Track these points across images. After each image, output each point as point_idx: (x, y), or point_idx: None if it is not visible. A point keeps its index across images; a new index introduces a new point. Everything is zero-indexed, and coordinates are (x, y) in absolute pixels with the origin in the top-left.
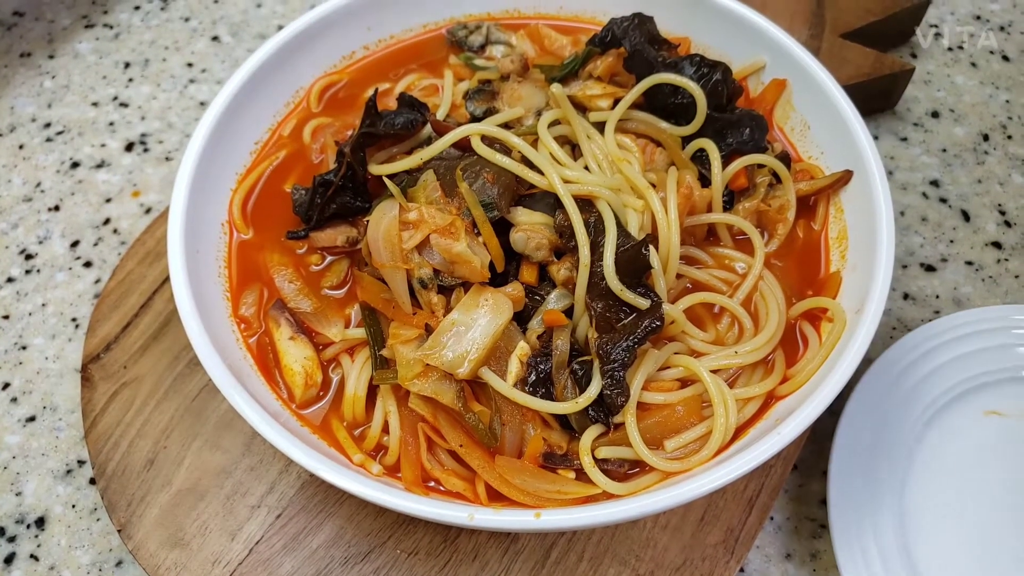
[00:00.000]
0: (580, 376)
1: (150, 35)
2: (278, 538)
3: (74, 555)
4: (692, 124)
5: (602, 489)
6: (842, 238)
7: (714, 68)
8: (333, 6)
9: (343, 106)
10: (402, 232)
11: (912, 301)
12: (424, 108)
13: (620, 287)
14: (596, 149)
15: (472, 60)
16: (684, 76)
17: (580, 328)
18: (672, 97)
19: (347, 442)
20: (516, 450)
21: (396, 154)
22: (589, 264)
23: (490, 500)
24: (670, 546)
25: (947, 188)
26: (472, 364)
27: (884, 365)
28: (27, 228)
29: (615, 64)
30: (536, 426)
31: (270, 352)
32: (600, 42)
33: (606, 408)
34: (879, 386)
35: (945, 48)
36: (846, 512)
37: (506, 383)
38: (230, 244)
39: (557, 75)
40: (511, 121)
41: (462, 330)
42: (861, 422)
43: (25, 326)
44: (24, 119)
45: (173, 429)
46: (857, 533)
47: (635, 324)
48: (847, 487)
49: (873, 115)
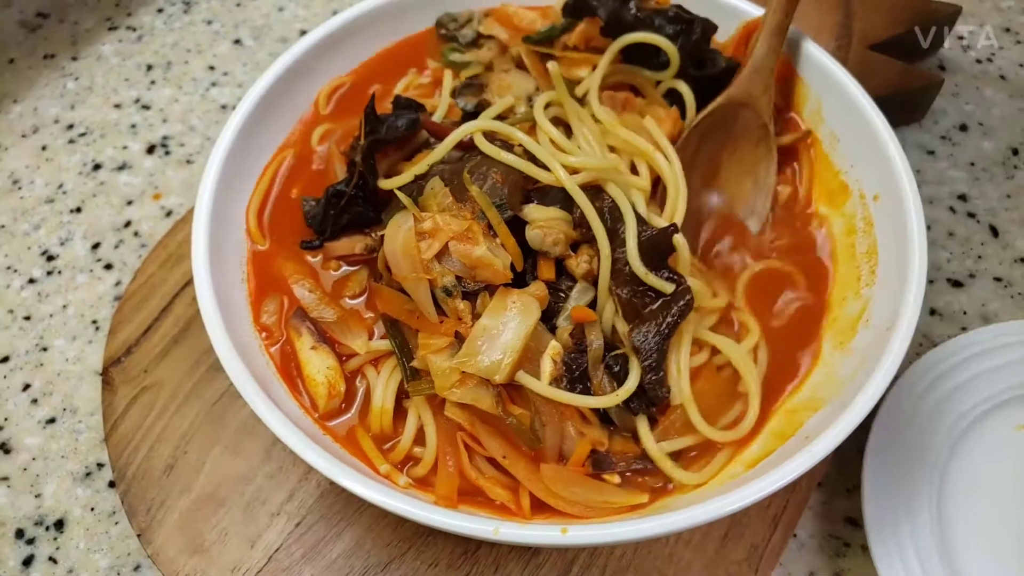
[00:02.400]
0: (617, 370)
1: (172, 38)
2: (297, 546)
3: (92, 558)
4: (667, 71)
5: (647, 498)
6: (871, 253)
7: (692, 24)
8: (357, 12)
9: (348, 110)
10: (419, 242)
11: (939, 317)
12: (420, 108)
13: (645, 271)
14: (586, 131)
15: (452, 58)
16: (661, 34)
17: (606, 317)
18: (655, 56)
19: (373, 452)
20: (557, 450)
21: (398, 160)
22: (610, 253)
23: (533, 510)
24: (693, 562)
25: (975, 203)
26: (508, 368)
27: (912, 379)
28: (49, 229)
29: (590, 30)
30: (576, 423)
31: (293, 361)
32: (573, 10)
33: (647, 399)
34: (907, 401)
35: (973, 60)
36: (883, 527)
37: (542, 383)
38: (250, 251)
39: (536, 38)
40: (504, 111)
41: (494, 334)
42: (891, 437)
43: (46, 327)
44: (47, 120)
45: (193, 434)
46: (897, 549)
47: (665, 309)
48: (881, 502)
49: (899, 127)
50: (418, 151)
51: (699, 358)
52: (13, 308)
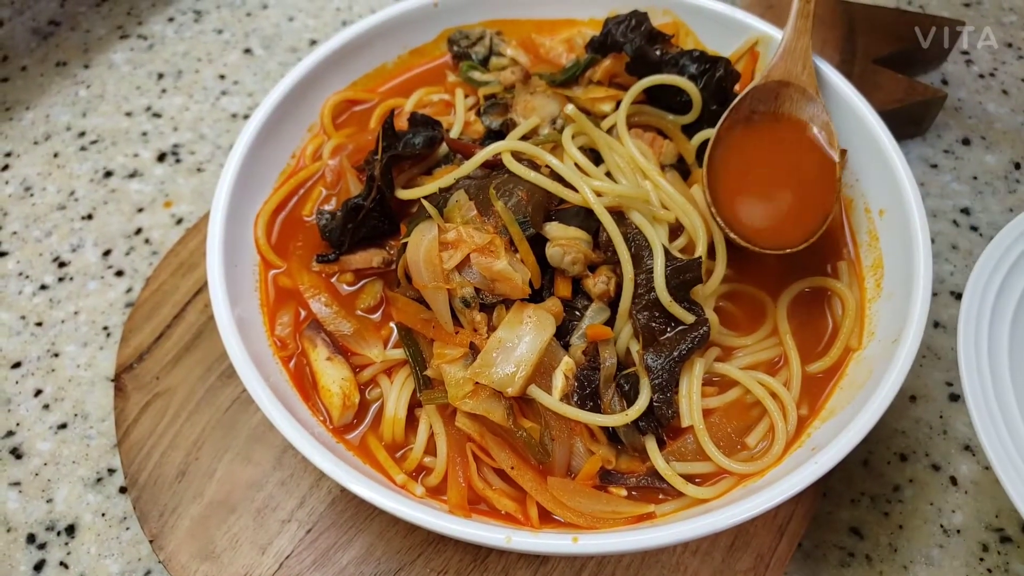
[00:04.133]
0: (627, 389)
1: (183, 47)
2: (308, 553)
3: (103, 564)
4: (691, 114)
5: (653, 508)
6: (877, 267)
7: (716, 64)
8: (370, 23)
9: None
10: (442, 252)
11: (943, 329)
12: (438, 125)
13: (669, 299)
14: (618, 159)
15: (471, 75)
16: (685, 75)
17: (621, 341)
18: (678, 95)
19: (388, 463)
20: (565, 464)
21: (416, 175)
22: (633, 278)
23: (541, 521)
24: (700, 571)
25: (978, 216)
26: (521, 381)
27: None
28: (60, 236)
29: (614, 67)
30: (585, 440)
31: (307, 372)
32: (600, 46)
33: (656, 420)
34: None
35: (976, 75)
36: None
37: (553, 398)
38: (263, 261)
39: (559, 79)
40: (527, 132)
41: (509, 347)
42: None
43: (58, 333)
44: (59, 128)
45: (205, 441)
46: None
47: (681, 337)
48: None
49: (903, 141)
50: (437, 166)
51: (733, 393)
52: (25, 314)
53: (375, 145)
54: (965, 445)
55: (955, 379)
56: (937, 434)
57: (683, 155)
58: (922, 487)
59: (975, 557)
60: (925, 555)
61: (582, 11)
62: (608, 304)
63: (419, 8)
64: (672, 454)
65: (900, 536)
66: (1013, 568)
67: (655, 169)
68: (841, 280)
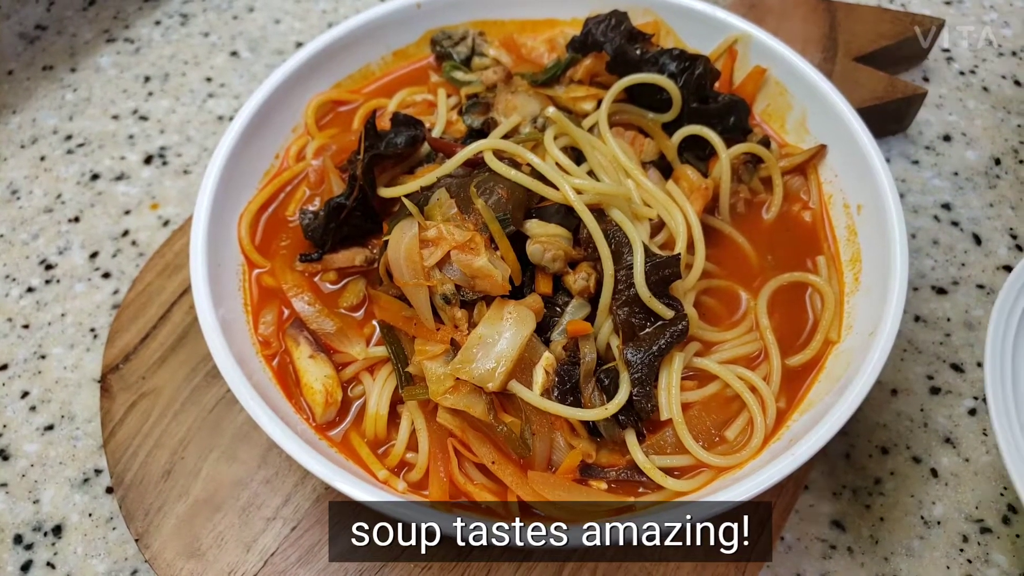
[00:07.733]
0: (607, 384)
1: (170, 50)
2: (293, 550)
3: (90, 564)
4: (671, 112)
5: (632, 501)
6: (855, 261)
7: (695, 61)
8: (353, 24)
9: (337, 123)
10: (422, 250)
11: (924, 323)
12: (420, 125)
13: (649, 295)
14: (601, 157)
15: (453, 75)
16: (665, 73)
17: (601, 336)
18: (658, 93)
19: (370, 459)
20: (546, 459)
21: (399, 174)
22: (613, 274)
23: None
24: (682, 563)
25: (959, 211)
26: (501, 376)
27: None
28: (47, 239)
29: (594, 66)
30: (565, 435)
31: (291, 370)
32: (580, 46)
33: (635, 414)
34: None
35: (957, 72)
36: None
37: (534, 393)
38: (247, 261)
39: (540, 79)
40: (509, 131)
41: (489, 343)
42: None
43: (44, 335)
44: (46, 131)
45: (190, 440)
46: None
47: (660, 332)
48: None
49: (885, 137)
50: (418, 165)
51: (712, 387)
52: (12, 316)
53: (358, 145)
54: (946, 438)
55: (936, 372)
56: (918, 427)
57: (664, 152)
58: (903, 480)
59: (955, 548)
60: (906, 547)
61: (564, 11)
62: (588, 300)
63: (402, 9)
64: (651, 448)
65: (881, 528)
66: (993, 559)
67: (637, 167)
68: (820, 275)
